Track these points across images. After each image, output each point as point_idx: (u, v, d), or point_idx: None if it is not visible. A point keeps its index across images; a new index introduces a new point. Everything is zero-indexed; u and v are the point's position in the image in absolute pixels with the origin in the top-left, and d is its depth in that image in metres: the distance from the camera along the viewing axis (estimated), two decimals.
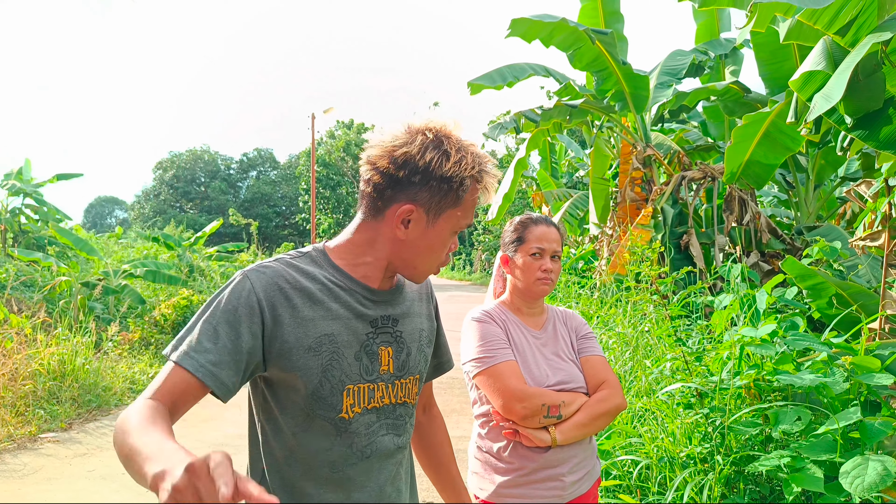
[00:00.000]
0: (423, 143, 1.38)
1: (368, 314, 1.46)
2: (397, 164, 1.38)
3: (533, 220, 2.25)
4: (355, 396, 1.42)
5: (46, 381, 7.06)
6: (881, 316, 4.06)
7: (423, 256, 1.46)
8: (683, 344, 3.87)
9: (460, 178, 1.39)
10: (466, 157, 1.40)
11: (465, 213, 1.45)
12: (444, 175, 1.38)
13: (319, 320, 1.39)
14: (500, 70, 9.95)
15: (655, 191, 9.29)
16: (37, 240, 14.09)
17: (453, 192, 1.40)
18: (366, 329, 1.45)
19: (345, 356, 1.41)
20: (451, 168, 1.38)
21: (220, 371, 1.30)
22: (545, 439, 2.06)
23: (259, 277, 1.37)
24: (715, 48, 10.49)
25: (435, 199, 1.40)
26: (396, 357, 1.50)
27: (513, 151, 35.87)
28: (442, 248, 1.46)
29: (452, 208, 1.42)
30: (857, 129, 4.02)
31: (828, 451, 2.69)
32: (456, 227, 1.45)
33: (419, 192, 1.39)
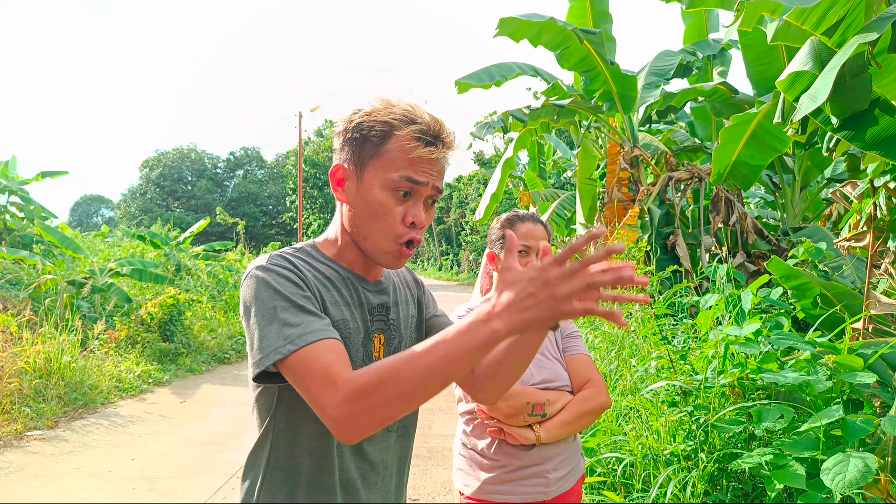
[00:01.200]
0: (353, 111, 1.44)
1: (366, 302, 1.48)
2: (335, 138, 1.46)
3: (519, 217, 2.25)
4: None
5: (32, 379, 7.02)
6: (865, 316, 4.09)
7: (366, 221, 1.41)
8: (668, 343, 3.89)
9: (370, 125, 1.39)
10: (384, 108, 1.40)
11: (394, 165, 1.37)
12: (355, 125, 1.40)
13: (336, 305, 1.41)
14: (487, 69, 9.96)
15: (642, 191, 9.32)
16: (22, 238, 13.98)
17: (368, 140, 1.39)
18: (365, 317, 1.47)
19: (355, 342, 1.42)
20: (360, 117, 1.40)
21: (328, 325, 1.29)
22: (529, 437, 2.06)
23: (285, 262, 1.37)
24: (703, 49, 10.54)
25: (354, 152, 1.41)
26: (388, 344, 1.51)
27: (500, 151, 35.90)
28: (381, 208, 1.38)
29: (374, 159, 1.39)
30: (843, 130, 4.04)
31: (810, 449, 2.71)
32: (386, 180, 1.37)
33: (343, 151, 1.44)
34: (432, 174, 1.40)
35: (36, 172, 15.32)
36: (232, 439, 6.07)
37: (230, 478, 5.09)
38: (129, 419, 6.98)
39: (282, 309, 1.28)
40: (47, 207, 15.16)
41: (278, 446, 1.41)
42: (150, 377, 8.81)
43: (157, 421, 6.98)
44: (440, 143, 1.40)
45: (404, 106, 1.41)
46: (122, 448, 5.97)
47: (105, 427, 6.64)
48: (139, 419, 7.01)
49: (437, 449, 5.87)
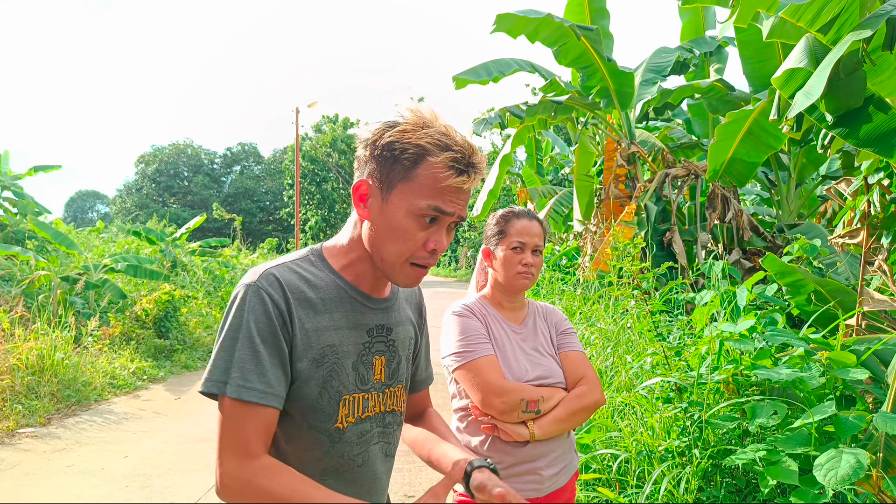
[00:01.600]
0: (384, 124, 1.37)
1: (365, 323, 1.45)
2: (361, 148, 1.40)
3: (515, 214, 2.24)
4: (350, 406, 1.41)
5: (25, 375, 6.99)
6: (858, 312, 4.09)
7: (384, 241, 1.38)
8: (664, 339, 3.89)
9: (402, 147, 1.33)
10: (419, 130, 1.34)
11: (426, 192, 1.33)
12: (385, 143, 1.34)
13: (323, 331, 1.38)
14: (485, 65, 9.94)
15: (639, 188, 9.32)
16: (15, 233, 13.91)
17: (398, 162, 1.33)
18: (362, 339, 1.44)
19: (343, 367, 1.40)
20: (392, 135, 1.34)
21: (277, 388, 1.31)
22: (523, 434, 2.06)
23: (272, 286, 1.34)
24: (700, 46, 10.55)
25: (383, 170, 1.36)
26: (388, 366, 1.49)
27: (498, 148, 35.90)
28: (404, 232, 1.36)
29: (402, 182, 1.34)
30: (837, 127, 4.04)
31: (803, 445, 2.71)
32: (413, 207, 1.34)
33: (369, 166, 1.38)
34: (459, 203, 1.37)
35: (29, 167, 15.25)
36: None
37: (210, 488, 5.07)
38: (122, 416, 6.96)
39: (241, 347, 1.30)
40: (42, 203, 15.16)
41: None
42: (144, 374, 8.79)
43: (151, 418, 6.97)
44: (472, 172, 1.36)
45: (439, 128, 1.35)
46: (116, 445, 5.96)
47: (98, 424, 6.62)
48: (133, 416, 6.99)
49: None
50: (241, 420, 1.28)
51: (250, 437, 1.28)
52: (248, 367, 1.28)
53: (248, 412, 1.28)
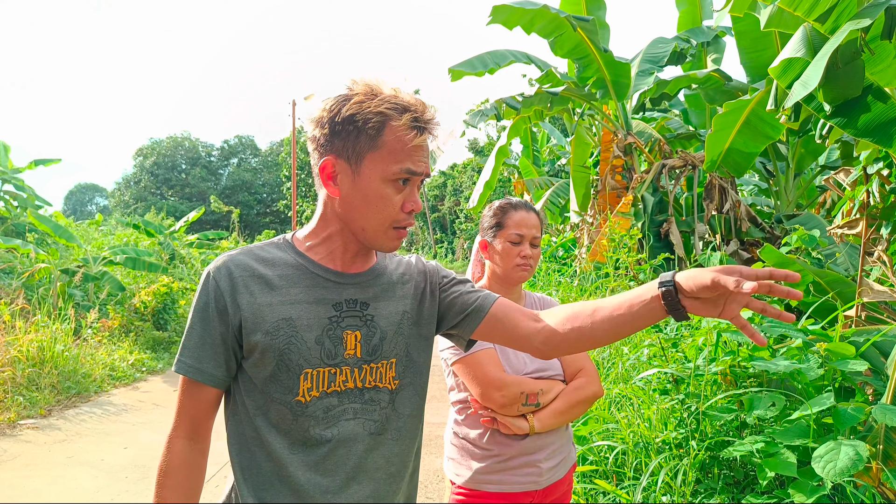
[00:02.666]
0: (335, 100, 1.40)
1: (330, 298, 1.44)
2: (315, 125, 1.41)
3: (512, 205, 2.23)
4: (313, 380, 1.40)
5: (25, 367, 7.00)
6: (857, 303, 4.10)
7: (364, 212, 1.40)
8: (660, 330, 3.89)
9: (364, 117, 1.35)
10: (374, 98, 1.37)
11: (393, 157, 1.38)
12: (345, 117, 1.36)
13: (277, 305, 1.40)
14: (481, 56, 9.92)
15: (636, 179, 9.31)
16: (15, 226, 13.90)
17: (363, 133, 1.36)
18: (328, 313, 1.43)
19: (304, 340, 1.40)
20: (350, 108, 1.36)
21: (204, 364, 1.41)
22: (523, 427, 2.05)
23: (219, 270, 1.42)
24: (697, 36, 10.51)
25: (348, 144, 1.38)
26: (366, 341, 1.46)
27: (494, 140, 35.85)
28: (381, 200, 1.39)
29: (371, 151, 1.37)
30: (835, 117, 4.03)
31: (801, 437, 2.71)
32: (387, 173, 1.38)
33: (332, 143, 1.39)
34: (425, 161, 1.41)
35: (29, 161, 15.22)
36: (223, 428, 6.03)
37: (222, 466, 5.09)
38: (122, 408, 6.97)
39: (188, 327, 1.44)
40: (42, 196, 15.09)
41: (243, 446, 1.46)
42: (143, 366, 8.80)
43: (150, 409, 6.98)
44: (431, 127, 1.41)
45: (390, 92, 1.39)
46: (115, 436, 5.97)
47: (98, 416, 6.63)
48: (132, 408, 7.00)
49: (429, 437, 5.88)
50: (182, 393, 1.45)
51: (180, 410, 1.45)
52: (188, 345, 1.42)
53: (186, 387, 1.44)
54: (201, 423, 1.46)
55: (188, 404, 1.44)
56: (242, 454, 1.45)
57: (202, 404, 1.44)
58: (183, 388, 1.44)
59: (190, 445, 1.44)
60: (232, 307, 1.40)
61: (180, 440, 1.44)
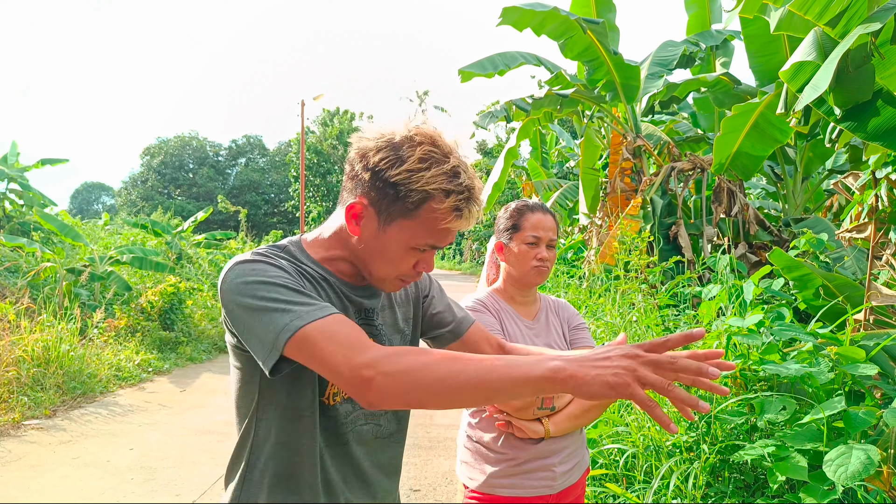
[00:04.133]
0: (385, 141, 1.31)
1: (348, 307, 1.44)
2: (359, 157, 1.33)
3: (529, 208, 2.23)
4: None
5: (30, 367, 7.01)
6: (866, 307, 4.08)
7: (377, 261, 1.38)
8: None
9: (408, 189, 1.28)
10: (427, 169, 1.28)
11: (426, 232, 1.33)
12: (389, 179, 1.28)
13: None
14: (491, 58, 9.93)
15: (645, 181, 9.29)
16: (21, 225, 13.96)
17: (400, 201, 1.29)
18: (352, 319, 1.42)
19: None
20: (398, 174, 1.28)
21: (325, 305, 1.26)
22: (538, 431, 2.04)
23: (265, 258, 1.33)
24: (706, 39, 10.49)
25: (383, 202, 1.31)
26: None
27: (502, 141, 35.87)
28: (397, 260, 1.36)
29: (403, 219, 1.31)
30: (845, 121, 4.02)
31: (812, 441, 2.70)
32: (412, 242, 1.34)
33: (367, 190, 1.32)
34: (454, 236, 1.37)
35: (36, 160, 15.28)
36: (232, 429, 6.01)
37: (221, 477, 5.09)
38: (128, 408, 6.98)
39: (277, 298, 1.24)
40: (48, 195, 15.16)
41: (260, 447, 1.41)
42: (149, 366, 8.80)
43: (156, 410, 6.98)
44: (473, 210, 1.33)
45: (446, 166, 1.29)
46: (121, 437, 5.97)
47: (104, 416, 6.63)
48: (138, 408, 7.01)
49: (438, 439, 5.87)
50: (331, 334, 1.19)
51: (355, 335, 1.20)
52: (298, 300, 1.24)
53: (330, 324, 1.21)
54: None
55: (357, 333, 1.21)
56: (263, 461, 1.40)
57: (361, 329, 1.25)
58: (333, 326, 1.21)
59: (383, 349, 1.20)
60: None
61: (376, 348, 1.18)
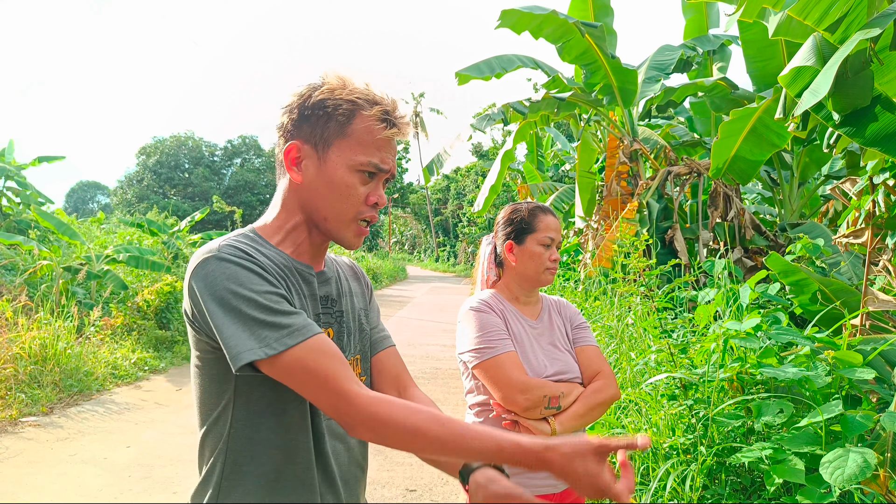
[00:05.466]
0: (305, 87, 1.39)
1: (314, 294, 1.43)
2: (284, 112, 1.40)
3: (542, 209, 2.26)
4: None
5: (27, 364, 7.00)
6: (863, 312, 4.10)
7: (329, 199, 1.37)
8: (669, 336, 3.89)
9: (335, 103, 1.35)
10: (346, 87, 1.37)
11: (362, 148, 1.36)
12: (315, 102, 1.36)
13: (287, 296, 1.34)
14: (487, 61, 9.95)
15: (641, 185, 9.32)
16: (18, 223, 13.93)
17: (332, 119, 1.35)
18: (315, 308, 1.42)
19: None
20: (321, 93, 1.36)
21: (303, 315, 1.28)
22: (545, 430, 2.05)
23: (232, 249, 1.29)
24: (703, 44, 10.53)
25: (316, 130, 1.36)
26: (338, 338, 1.46)
27: (498, 144, 35.93)
28: (347, 188, 1.37)
29: (339, 138, 1.36)
30: (844, 126, 4.04)
31: (809, 444, 2.72)
32: (353, 162, 1.36)
33: (300, 128, 1.38)
34: (392, 158, 1.41)
35: (33, 157, 15.25)
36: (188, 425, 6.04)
37: None
38: (124, 406, 6.97)
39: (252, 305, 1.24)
40: (44, 193, 15.10)
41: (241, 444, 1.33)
42: (145, 364, 8.79)
43: (152, 408, 6.98)
44: (401, 124, 1.40)
45: (361, 85, 1.39)
46: (118, 435, 5.97)
47: (100, 414, 6.63)
48: (135, 406, 7.00)
49: None
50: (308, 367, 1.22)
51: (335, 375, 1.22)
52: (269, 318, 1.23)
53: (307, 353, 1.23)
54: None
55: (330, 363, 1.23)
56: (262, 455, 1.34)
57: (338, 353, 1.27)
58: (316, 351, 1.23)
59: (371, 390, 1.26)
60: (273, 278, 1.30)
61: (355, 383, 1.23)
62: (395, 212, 56.51)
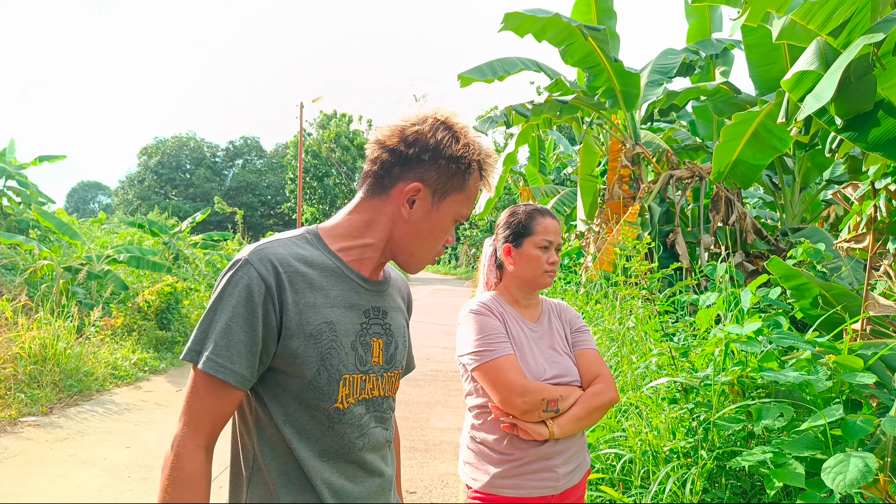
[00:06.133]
0: (433, 125, 1.41)
1: (361, 304, 1.44)
2: (408, 142, 1.40)
3: (540, 212, 2.26)
4: (351, 387, 1.40)
5: (27, 364, 7.00)
6: (864, 317, 4.10)
7: (423, 241, 1.45)
8: (670, 339, 3.89)
9: (468, 161, 1.41)
10: (474, 142, 1.44)
11: (468, 201, 1.46)
12: (453, 155, 1.40)
13: (321, 307, 1.37)
14: (490, 63, 9.95)
15: (643, 189, 9.32)
16: (19, 223, 13.92)
17: (460, 174, 1.42)
18: (360, 319, 1.43)
19: (343, 345, 1.38)
20: (460, 149, 1.41)
21: (237, 364, 1.30)
22: (543, 433, 2.05)
23: (263, 262, 1.33)
24: (706, 48, 10.53)
25: (442, 179, 1.41)
26: (386, 349, 1.49)
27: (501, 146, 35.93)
28: (442, 234, 1.46)
29: (457, 192, 1.43)
30: (846, 131, 4.04)
31: (810, 448, 2.71)
32: (457, 214, 1.45)
33: (427, 172, 1.40)
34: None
35: (34, 157, 15.25)
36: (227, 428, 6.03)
37: (226, 468, 5.09)
38: (124, 407, 6.97)
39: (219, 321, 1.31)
40: (44, 193, 15.11)
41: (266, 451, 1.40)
42: (146, 365, 8.79)
43: (152, 409, 6.98)
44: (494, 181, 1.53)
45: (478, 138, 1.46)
46: (118, 435, 5.96)
47: (100, 414, 6.63)
48: (135, 407, 7.00)
49: (434, 442, 5.87)
50: (202, 395, 1.31)
51: (205, 415, 1.31)
52: (219, 341, 1.29)
53: (209, 388, 1.30)
54: (219, 429, 1.35)
55: (211, 408, 1.31)
56: (278, 460, 1.38)
57: (227, 408, 1.33)
58: (204, 388, 1.30)
59: (206, 456, 1.33)
60: (277, 304, 1.32)
61: (199, 450, 1.31)
62: None
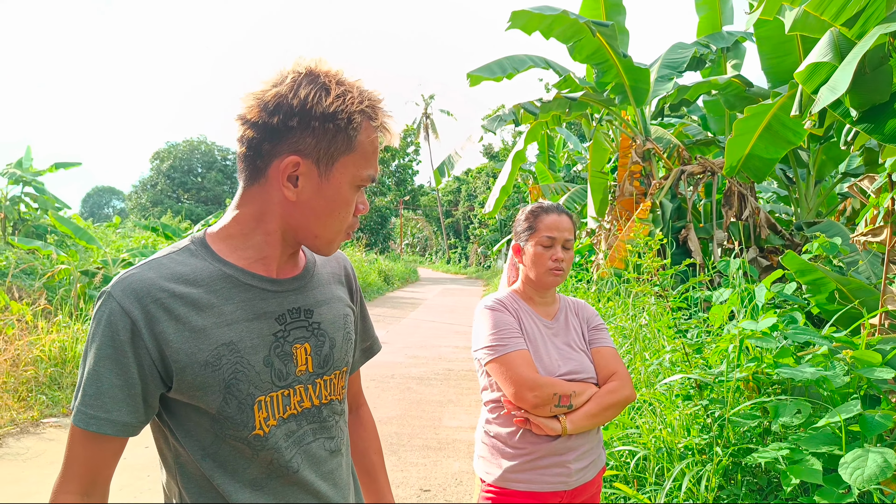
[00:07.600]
0: (294, 80, 1.17)
1: (272, 310, 1.25)
2: (269, 110, 1.16)
3: (544, 209, 2.25)
4: (268, 408, 1.22)
5: (48, 367, 7.07)
6: (881, 312, 4.07)
7: (324, 220, 1.23)
8: (684, 336, 3.87)
9: (347, 115, 1.16)
10: (350, 90, 1.18)
11: (365, 160, 1.22)
12: (325, 112, 1.15)
13: (213, 329, 1.18)
14: (499, 61, 9.94)
15: (654, 185, 9.29)
16: (36, 228, 14.06)
17: (342, 132, 1.17)
18: (272, 328, 1.24)
19: (251, 364, 1.20)
20: (333, 103, 1.16)
21: (113, 413, 1.15)
22: (556, 428, 2.06)
23: (126, 294, 1.15)
24: (717, 41, 10.46)
25: (322, 144, 1.17)
26: (316, 353, 1.31)
27: (509, 145, 35.92)
28: (344, 207, 1.23)
29: (346, 154, 1.19)
30: (862, 123, 4.01)
31: (827, 444, 2.70)
32: (357, 178, 1.22)
33: (301, 140, 1.17)
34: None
35: (49, 164, 15.38)
36: None
37: None
38: None
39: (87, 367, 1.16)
40: (60, 198, 15.25)
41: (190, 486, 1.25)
42: None
43: None
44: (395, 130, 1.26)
45: (359, 84, 1.21)
46: (136, 436, 5.99)
47: None
48: None
49: (447, 440, 5.88)
50: (76, 445, 1.17)
51: (77, 463, 1.17)
52: (88, 391, 1.14)
53: (83, 439, 1.16)
54: (100, 475, 1.19)
55: (84, 457, 1.17)
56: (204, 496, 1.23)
57: (104, 455, 1.18)
58: (79, 443, 1.16)
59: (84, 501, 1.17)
60: (150, 339, 1.14)
61: (71, 496, 1.16)
62: (407, 214, 56.56)
